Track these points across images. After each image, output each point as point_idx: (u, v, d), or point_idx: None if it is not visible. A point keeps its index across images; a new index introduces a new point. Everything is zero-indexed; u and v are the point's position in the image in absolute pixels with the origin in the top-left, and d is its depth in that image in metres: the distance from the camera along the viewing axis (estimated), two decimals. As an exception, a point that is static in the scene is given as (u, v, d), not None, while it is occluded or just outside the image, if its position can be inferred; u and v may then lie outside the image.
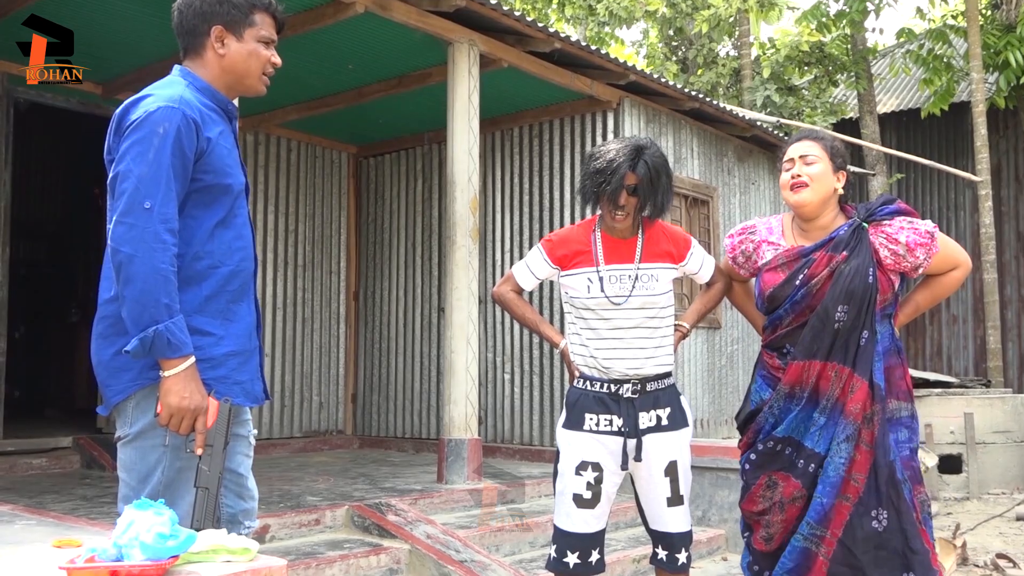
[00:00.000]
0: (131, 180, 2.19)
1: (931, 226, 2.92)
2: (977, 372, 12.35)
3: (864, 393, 2.81)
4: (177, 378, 2.20)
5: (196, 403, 2.21)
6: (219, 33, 2.45)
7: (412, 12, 5.86)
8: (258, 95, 2.58)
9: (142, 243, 2.16)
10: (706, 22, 13.23)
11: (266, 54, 2.49)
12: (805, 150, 2.98)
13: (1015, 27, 10.77)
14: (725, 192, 9.04)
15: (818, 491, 2.80)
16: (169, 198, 2.20)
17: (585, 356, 3.12)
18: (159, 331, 2.16)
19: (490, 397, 8.05)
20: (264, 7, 2.49)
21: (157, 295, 2.16)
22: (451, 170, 6.18)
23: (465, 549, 4.73)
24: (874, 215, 2.93)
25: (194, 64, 2.50)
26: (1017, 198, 12.53)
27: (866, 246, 2.87)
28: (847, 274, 2.83)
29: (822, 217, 2.99)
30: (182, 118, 2.26)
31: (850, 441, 2.80)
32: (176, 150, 2.23)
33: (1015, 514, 7.31)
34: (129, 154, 2.22)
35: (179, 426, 2.22)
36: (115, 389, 2.33)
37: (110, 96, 7.23)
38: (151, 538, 2.16)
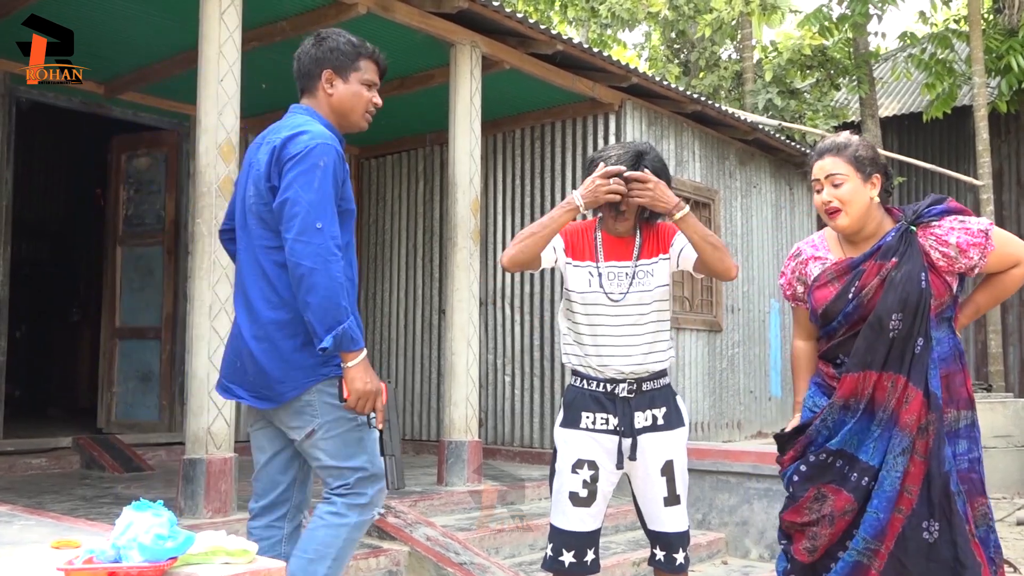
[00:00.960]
0: (301, 205, 2.57)
1: (985, 224, 2.80)
2: (978, 376, 12.33)
3: (919, 403, 2.72)
4: (358, 367, 2.61)
5: (376, 386, 2.64)
6: (329, 76, 2.83)
7: (414, 13, 5.86)
8: (360, 131, 2.94)
9: (319, 257, 2.54)
10: (708, 25, 13.23)
11: (368, 95, 2.88)
12: (831, 169, 2.86)
13: (1017, 31, 10.78)
14: (727, 195, 9.04)
15: (873, 505, 2.72)
16: (333, 219, 2.61)
17: (581, 355, 3.13)
18: (344, 328, 2.55)
19: (490, 399, 8.05)
20: (368, 55, 2.87)
21: (337, 299, 2.55)
22: (453, 172, 6.18)
23: (465, 551, 4.73)
24: (922, 217, 2.81)
25: (311, 103, 2.88)
26: (1019, 202, 12.52)
27: (916, 250, 2.77)
28: (899, 281, 2.74)
29: (866, 228, 2.87)
30: (336, 153, 2.67)
31: (905, 454, 2.71)
32: (333, 180, 2.64)
33: (1016, 519, 7.30)
34: (296, 183, 2.60)
35: (363, 407, 2.63)
36: (290, 385, 2.69)
37: (112, 95, 7.24)
38: (149, 539, 2.16)
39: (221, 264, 4.65)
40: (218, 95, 4.73)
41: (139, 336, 7.79)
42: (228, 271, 4.69)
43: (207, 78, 4.75)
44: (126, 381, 7.81)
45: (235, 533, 2.91)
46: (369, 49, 2.87)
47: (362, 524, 2.74)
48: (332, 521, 2.71)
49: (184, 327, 6.79)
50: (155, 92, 7.36)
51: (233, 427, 4.70)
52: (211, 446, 4.55)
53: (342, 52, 2.82)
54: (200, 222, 4.69)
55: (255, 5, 5.40)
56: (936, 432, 2.72)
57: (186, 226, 7.49)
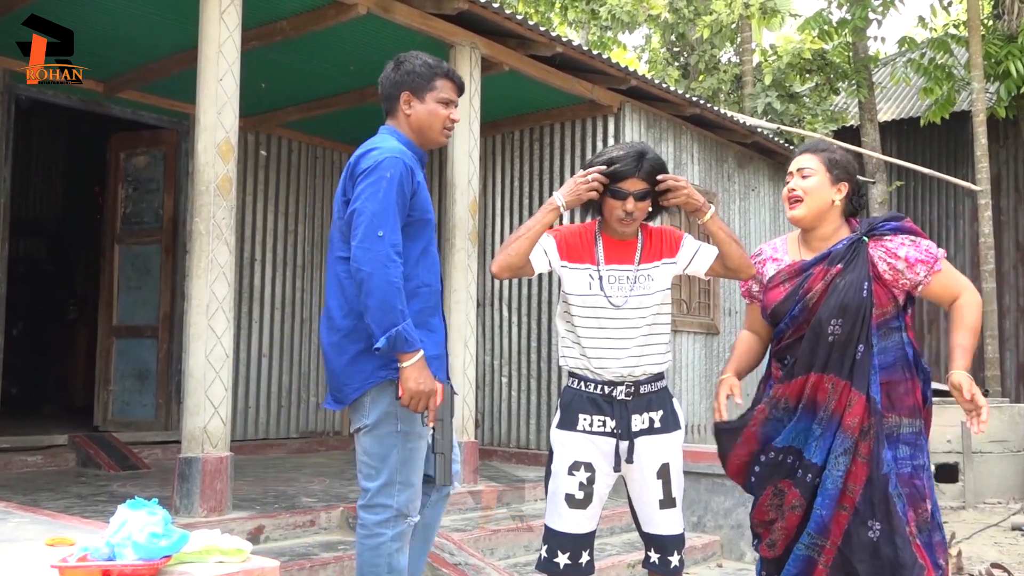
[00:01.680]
0: (366, 215, 2.77)
1: (934, 247, 2.91)
2: (975, 381, 12.33)
3: (861, 407, 2.81)
4: (413, 368, 2.77)
5: (430, 386, 2.79)
6: (407, 97, 3.03)
7: (414, 14, 5.87)
8: (440, 146, 3.18)
9: (378, 263, 2.73)
10: (708, 28, 13.23)
11: (444, 113, 3.06)
12: (803, 163, 3.01)
13: (1016, 37, 10.79)
14: (725, 198, 9.05)
15: (817, 503, 2.83)
16: (395, 228, 2.80)
17: (579, 358, 3.12)
18: (399, 331, 2.72)
19: (487, 400, 8.05)
20: (443, 74, 3.05)
21: (393, 302, 2.73)
22: (451, 172, 6.18)
23: (459, 552, 4.73)
24: (875, 229, 2.94)
25: (393, 123, 3.08)
26: (1017, 208, 12.53)
27: (863, 260, 2.88)
28: (842, 288, 2.85)
29: (821, 228, 3.01)
30: (403, 166, 2.85)
31: (847, 454, 2.81)
32: (399, 190, 2.82)
33: (1011, 524, 7.31)
34: (363, 195, 2.81)
35: (417, 406, 2.79)
36: (352, 387, 2.90)
37: (111, 94, 7.24)
38: (144, 538, 2.16)
39: (219, 263, 4.66)
40: (217, 94, 4.73)
41: (136, 335, 7.79)
42: (226, 270, 4.69)
43: (206, 77, 4.75)
44: (123, 379, 7.80)
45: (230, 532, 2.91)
46: (444, 69, 3.06)
47: (401, 535, 2.90)
48: (369, 544, 2.89)
49: (181, 326, 6.79)
50: (154, 91, 7.36)
51: (229, 426, 4.70)
52: (207, 445, 4.55)
53: (418, 74, 3.02)
54: (198, 221, 4.69)
55: (255, 5, 5.40)
56: (876, 435, 2.82)
57: (184, 225, 7.49)
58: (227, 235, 4.72)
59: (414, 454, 2.90)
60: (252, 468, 6.77)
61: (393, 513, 2.87)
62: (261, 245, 8.20)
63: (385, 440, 2.87)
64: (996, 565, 5.60)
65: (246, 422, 7.98)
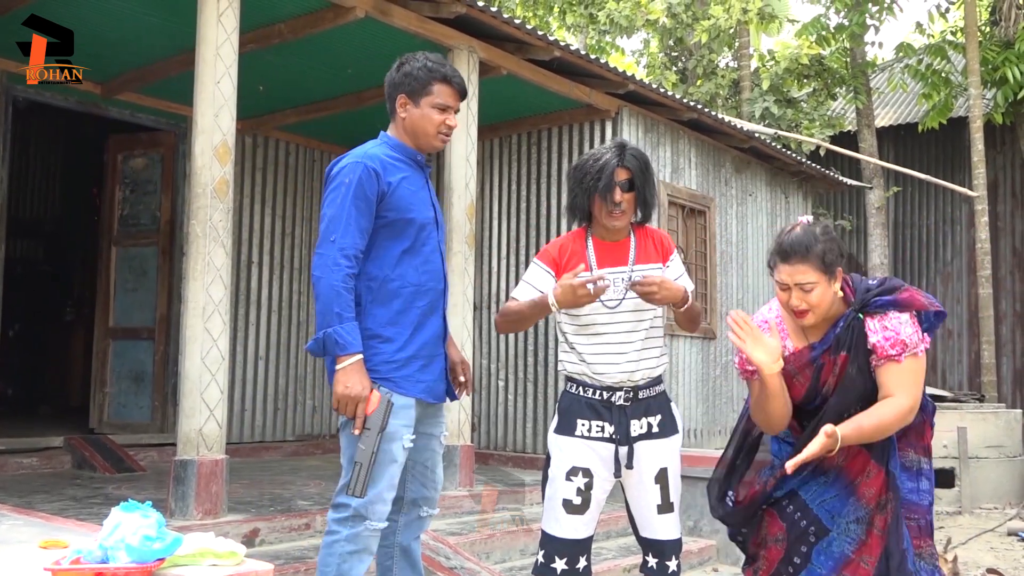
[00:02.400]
0: (325, 220, 2.86)
1: (914, 340, 2.74)
2: (971, 387, 12.35)
3: (880, 480, 2.75)
4: (344, 371, 2.77)
5: (356, 392, 2.76)
6: (402, 101, 3.04)
7: (412, 18, 5.87)
8: (436, 151, 3.22)
9: (325, 267, 2.80)
10: (706, 33, 13.24)
11: (439, 118, 3.03)
12: (800, 277, 2.72)
13: (1013, 43, 10.81)
14: (722, 203, 9.05)
15: (819, 561, 2.78)
16: (349, 231, 2.82)
17: (578, 363, 3.12)
18: (328, 333, 2.76)
19: (484, 404, 8.05)
20: (442, 79, 3.02)
21: (332, 305, 2.77)
22: (448, 176, 6.18)
23: (455, 556, 4.72)
24: (868, 306, 2.78)
25: (391, 126, 3.10)
26: (1013, 214, 12.55)
27: (862, 340, 2.76)
28: (853, 376, 2.76)
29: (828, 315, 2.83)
30: (363, 169, 2.88)
31: (860, 523, 2.76)
32: (358, 194, 2.85)
33: (1006, 529, 7.32)
34: (326, 201, 2.89)
35: (344, 410, 2.78)
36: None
37: (109, 95, 7.24)
38: (137, 540, 2.16)
39: (215, 265, 4.65)
40: (215, 97, 4.73)
41: (132, 336, 7.78)
42: (222, 273, 4.69)
43: (204, 80, 4.75)
44: (119, 381, 7.79)
45: (225, 535, 2.91)
46: (443, 73, 3.02)
47: (356, 538, 2.83)
48: (325, 541, 2.87)
49: (178, 328, 6.78)
50: (152, 93, 7.36)
51: (225, 429, 4.69)
52: (203, 448, 4.54)
53: (415, 78, 3.01)
54: (195, 223, 4.68)
55: (253, 7, 5.40)
56: (894, 511, 2.74)
57: (181, 227, 7.49)
58: (224, 237, 4.71)
59: (382, 457, 2.84)
60: (248, 471, 6.76)
61: (351, 513, 2.82)
62: (258, 248, 8.19)
63: (352, 440, 2.86)
64: (992, 570, 5.60)
65: (242, 425, 7.97)
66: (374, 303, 2.92)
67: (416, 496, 3.09)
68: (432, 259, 3.04)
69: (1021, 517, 7.92)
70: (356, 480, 2.77)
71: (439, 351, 3.06)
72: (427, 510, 3.11)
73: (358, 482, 2.77)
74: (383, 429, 2.81)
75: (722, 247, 9.00)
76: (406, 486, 3.05)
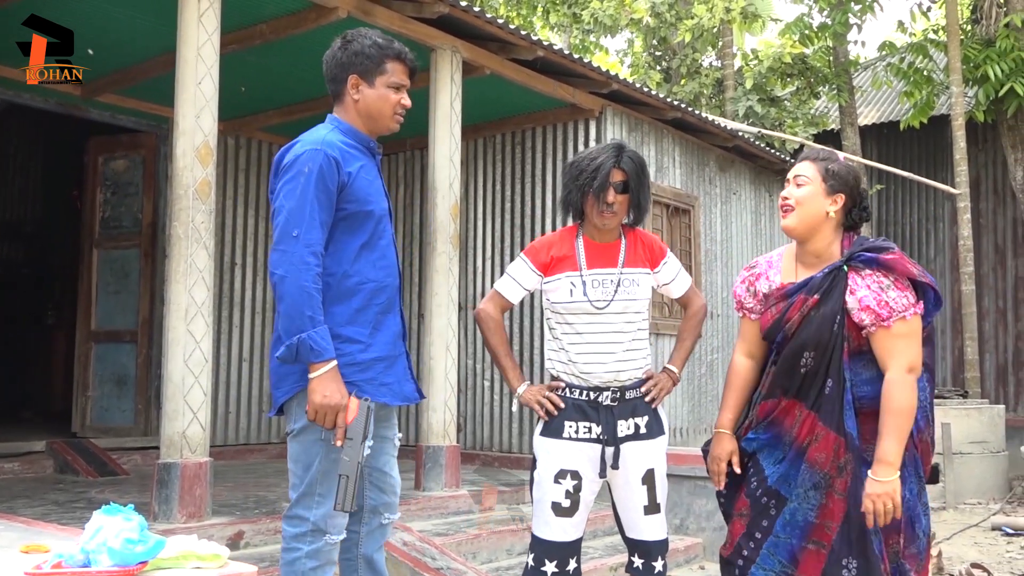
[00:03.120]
0: (283, 214, 2.63)
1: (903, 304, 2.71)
2: (955, 383, 12.42)
3: (830, 442, 2.74)
4: (320, 379, 2.57)
5: (336, 401, 2.57)
6: (355, 81, 2.81)
7: (395, 18, 5.85)
8: (392, 132, 2.93)
9: (291, 266, 2.57)
10: (689, 32, 13.27)
11: (395, 98, 2.84)
12: (799, 171, 2.89)
13: (994, 41, 10.87)
14: (707, 201, 9.07)
15: (786, 531, 2.78)
16: (313, 226, 2.61)
17: (565, 363, 3.12)
18: (303, 339, 2.55)
19: (469, 404, 8.03)
20: (395, 56, 2.83)
21: (303, 308, 2.56)
22: (432, 176, 6.17)
23: (441, 556, 4.71)
24: (852, 259, 2.79)
25: (339, 109, 2.87)
26: (995, 211, 12.62)
27: (840, 291, 2.76)
28: (815, 321, 2.76)
29: (814, 242, 2.85)
30: (324, 157, 2.66)
31: (819, 489, 2.76)
32: (319, 184, 2.64)
33: (990, 524, 7.36)
34: (282, 192, 2.67)
35: (324, 421, 2.59)
36: (281, 391, 2.73)
37: (89, 97, 7.19)
38: (119, 544, 2.15)
39: (198, 267, 4.63)
40: (196, 98, 4.70)
41: (115, 339, 7.73)
42: (204, 274, 4.66)
43: (185, 81, 4.72)
44: (101, 385, 7.74)
45: (209, 538, 2.89)
46: (395, 50, 2.84)
47: (318, 553, 2.67)
48: (285, 558, 2.70)
49: (160, 331, 6.74)
50: (133, 94, 7.31)
51: (209, 432, 4.67)
52: (186, 450, 4.52)
53: (367, 56, 2.80)
54: (177, 225, 4.66)
55: (234, 8, 5.37)
56: (854, 472, 2.74)
57: (164, 229, 7.44)
58: (206, 239, 4.69)
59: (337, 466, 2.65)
60: (232, 473, 6.73)
61: (309, 527, 2.66)
62: (241, 249, 8.15)
63: (309, 448, 2.68)
64: (976, 565, 5.63)
65: (226, 427, 7.93)
66: (331, 301, 2.70)
67: (376, 503, 2.91)
68: (388, 253, 2.86)
69: (1005, 512, 7.97)
70: (344, 494, 2.57)
71: (400, 350, 2.88)
72: (388, 516, 2.94)
73: (346, 496, 2.57)
74: (366, 437, 2.64)
75: (707, 245, 9.01)
76: (365, 494, 2.88)
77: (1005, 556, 6.23)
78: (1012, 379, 12.28)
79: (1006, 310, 12.42)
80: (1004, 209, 12.52)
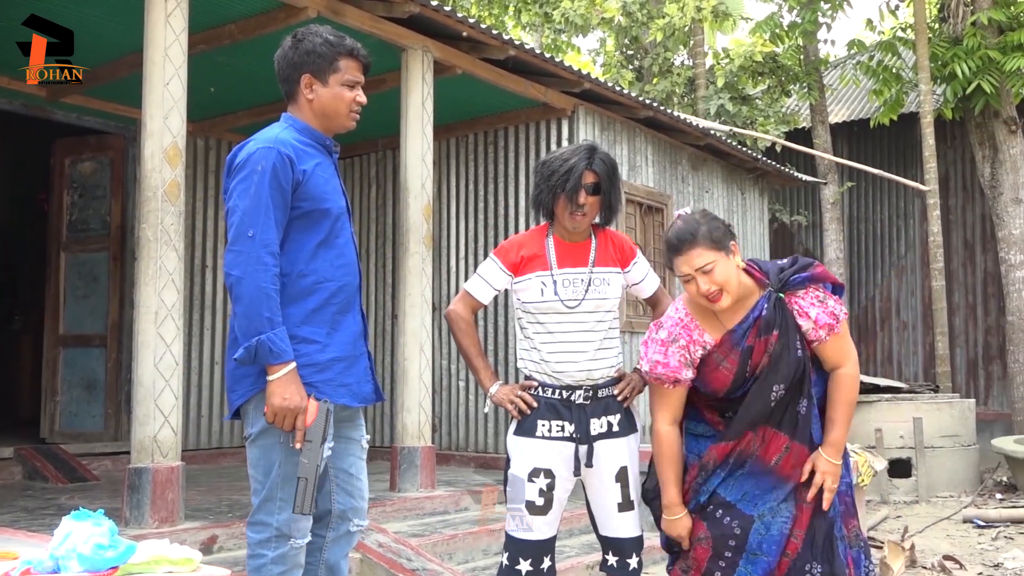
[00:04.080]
0: (237, 213, 2.58)
1: (840, 310, 2.84)
2: (926, 377, 12.56)
3: (803, 455, 2.80)
4: (279, 382, 2.53)
5: (295, 403, 2.53)
6: (308, 81, 2.77)
7: (365, 17, 5.82)
8: (348, 131, 2.89)
9: (247, 266, 2.52)
10: (661, 31, 13.32)
11: (350, 95, 2.80)
12: (697, 261, 2.75)
13: (962, 40, 10.99)
14: (679, 200, 9.10)
15: (763, 548, 2.78)
16: (268, 225, 2.57)
17: (538, 362, 3.11)
18: (262, 340, 2.50)
19: (444, 405, 8.01)
20: (347, 53, 2.78)
21: (260, 310, 2.52)
22: (404, 176, 6.15)
23: (417, 557, 4.69)
24: (787, 285, 2.82)
25: (293, 108, 2.84)
26: (964, 207, 12.77)
27: (790, 318, 2.81)
28: (780, 354, 2.78)
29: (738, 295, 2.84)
30: (277, 155, 2.62)
31: (789, 500, 2.79)
32: (273, 183, 2.59)
33: (962, 516, 7.44)
34: (235, 191, 2.62)
35: (283, 423, 2.54)
36: (237, 394, 2.67)
37: (55, 99, 7.10)
38: (89, 549, 2.12)
39: (167, 270, 4.58)
40: (164, 99, 4.66)
41: (84, 344, 7.64)
42: (175, 277, 4.62)
43: (153, 82, 4.67)
44: (70, 390, 7.65)
45: (182, 543, 2.86)
46: (348, 46, 2.79)
47: (284, 558, 2.63)
48: (251, 564, 2.67)
49: (130, 334, 6.66)
50: (100, 95, 7.23)
51: (180, 435, 4.62)
52: (157, 455, 4.47)
53: (319, 55, 2.75)
54: (146, 227, 4.61)
55: (202, 8, 5.32)
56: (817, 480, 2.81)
57: (132, 231, 7.36)
58: (176, 241, 4.64)
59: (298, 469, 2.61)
60: (206, 477, 6.67)
61: (273, 533, 2.61)
62: (212, 251, 8.08)
63: (268, 452, 2.63)
64: (948, 557, 5.68)
65: (199, 431, 7.86)
66: (286, 301, 2.63)
67: (345, 508, 2.84)
68: (346, 252, 2.79)
69: (976, 505, 8.05)
70: (303, 497, 2.54)
71: (361, 350, 2.82)
72: (357, 523, 2.87)
73: (305, 499, 2.54)
74: (326, 439, 2.61)
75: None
76: (332, 498, 2.82)
77: (977, 548, 6.30)
78: (982, 373, 12.43)
79: (976, 305, 12.57)
80: (973, 205, 12.67)
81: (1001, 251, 11.05)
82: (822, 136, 12.69)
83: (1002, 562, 5.76)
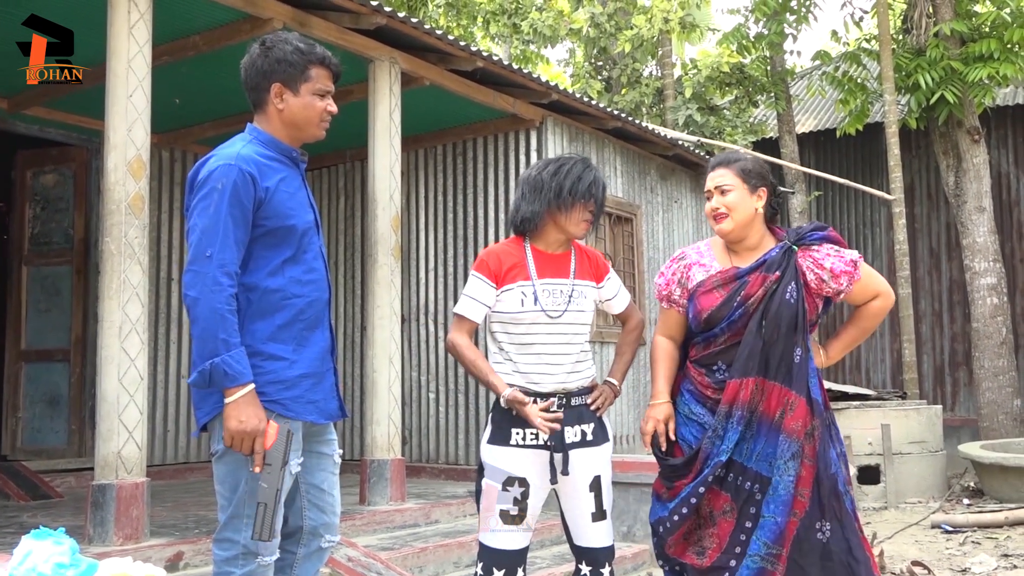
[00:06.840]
0: (196, 232, 2.52)
1: (856, 256, 3.00)
2: (894, 384, 12.67)
3: (803, 410, 2.86)
4: (235, 404, 2.47)
5: (252, 426, 2.46)
6: (278, 90, 2.69)
7: (332, 29, 5.80)
8: (318, 140, 2.84)
9: (204, 287, 2.47)
10: (629, 42, 13.39)
11: (321, 105, 2.73)
12: (719, 180, 3.03)
13: (925, 51, 11.13)
14: (648, 210, 9.14)
15: (771, 511, 2.82)
16: (227, 245, 2.51)
17: (511, 373, 3.10)
18: (215, 363, 2.44)
19: (414, 416, 7.97)
20: (319, 61, 2.71)
21: (216, 331, 2.45)
22: (372, 188, 6.12)
23: (387, 571, 4.65)
24: (804, 239, 3.01)
25: (260, 118, 2.76)
26: (929, 216, 12.93)
27: (795, 268, 2.95)
28: (779, 294, 2.90)
29: (749, 238, 3.05)
30: (238, 173, 2.55)
31: (796, 458, 2.84)
32: (234, 201, 2.53)
33: (930, 522, 7.49)
34: (196, 210, 2.56)
35: (241, 446, 2.48)
36: (203, 411, 2.61)
37: (16, 110, 7.02)
38: (49, 568, 2.08)
39: (131, 284, 4.52)
40: (127, 110, 4.60)
41: (46, 359, 7.53)
42: (139, 291, 4.56)
43: (116, 93, 4.62)
44: (32, 405, 7.53)
45: (147, 560, 2.81)
46: (319, 55, 2.72)
47: (251, 575, 2.58)
48: None
49: (94, 349, 6.58)
50: (62, 107, 7.15)
51: (145, 451, 4.56)
52: (122, 471, 4.40)
53: (290, 63, 2.67)
54: (109, 240, 4.55)
55: (166, 19, 5.28)
56: (820, 436, 2.88)
57: (96, 244, 7.28)
58: (140, 254, 4.58)
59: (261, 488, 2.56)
60: (172, 493, 6.58)
61: (240, 550, 2.56)
62: (178, 264, 8.00)
63: (235, 470, 2.57)
64: (917, 563, 5.71)
65: (164, 446, 7.76)
66: (252, 318, 2.59)
67: (316, 524, 2.79)
68: (315, 266, 2.75)
69: (944, 510, 8.12)
70: (262, 523, 2.48)
71: (328, 366, 2.78)
72: (329, 539, 2.81)
73: (264, 525, 2.48)
74: (286, 463, 2.54)
75: (649, 253, 9.08)
76: (304, 514, 2.77)
77: (945, 553, 6.34)
78: (949, 380, 12.57)
79: (942, 312, 12.71)
80: (938, 213, 12.83)
81: (966, 259, 11.18)
82: (789, 146, 12.81)
83: (969, 567, 5.80)
